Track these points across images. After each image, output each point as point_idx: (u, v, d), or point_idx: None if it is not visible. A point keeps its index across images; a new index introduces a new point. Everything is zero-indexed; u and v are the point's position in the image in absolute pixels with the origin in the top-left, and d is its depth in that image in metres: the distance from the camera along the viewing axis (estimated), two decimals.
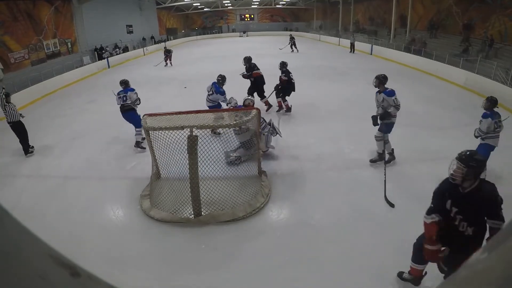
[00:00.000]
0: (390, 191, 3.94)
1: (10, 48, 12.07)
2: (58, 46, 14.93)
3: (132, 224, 3.59)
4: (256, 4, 32.67)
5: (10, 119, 5.45)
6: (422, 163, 4.62)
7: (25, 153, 5.54)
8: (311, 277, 2.74)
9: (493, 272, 0.29)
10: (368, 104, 6.73)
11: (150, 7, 25.11)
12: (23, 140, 5.56)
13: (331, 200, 3.79)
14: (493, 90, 7.89)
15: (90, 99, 9.55)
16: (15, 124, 5.50)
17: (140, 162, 4.88)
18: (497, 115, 4.09)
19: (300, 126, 6.15)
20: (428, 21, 16.08)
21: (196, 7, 31.18)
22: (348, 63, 13.76)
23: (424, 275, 2.54)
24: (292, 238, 3.22)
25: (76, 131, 6.66)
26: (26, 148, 5.56)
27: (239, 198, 3.69)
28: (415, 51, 13.00)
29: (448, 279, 0.35)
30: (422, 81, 10.24)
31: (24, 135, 5.57)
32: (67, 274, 0.31)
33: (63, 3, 15.15)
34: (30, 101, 9.28)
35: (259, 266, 2.86)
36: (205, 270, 2.86)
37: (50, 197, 4.17)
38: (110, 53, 17.33)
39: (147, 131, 3.75)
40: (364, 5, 22.65)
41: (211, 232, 3.33)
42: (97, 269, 0.39)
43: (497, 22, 11.90)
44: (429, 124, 6.13)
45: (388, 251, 2.95)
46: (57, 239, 3.08)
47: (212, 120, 3.90)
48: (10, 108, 5.41)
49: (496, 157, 4.08)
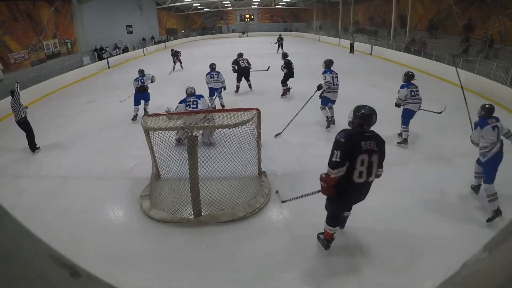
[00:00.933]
0: (390, 191, 3.93)
1: (10, 48, 12.08)
2: (58, 47, 14.94)
3: (132, 224, 3.59)
4: (256, 4, 32.66)
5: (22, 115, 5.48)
6: (422, 163, 4.63)
7: (32, 150, 5.57)
8: (311, 277, 2.74)
9: (493, 272, 0.29)
10: (368, 104, 6.74)
11: (150, 8, 25.11)
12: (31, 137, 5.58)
13: None
14: (492, 90, 7.92)
15: (90, 99, 9.55)
16: (26, 121, 5.53)
17: (140, 162, 4.88)
18: (413, 86, 5.12)
19: (300, 126, 6.15)
20: (428, 21, 16.08)
21: (196, 8, 31.17)
22: (348, 63, 13.76)
23: (334, 239, 2.93)
24: (292, 238, 3.22)
25: (76, 131, 6.66)
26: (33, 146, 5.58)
27: (239, 198, 3.69)
28: (415, 52, 13.00)
29: (448, 279, 0.35)
30: (422, 81, 10.22)
31: (32, 132, 5.61)
32: (67, 274, 0.31)
33: (63, 3, 15.15)
34: (30, 101, 9.26)
35: (259, 266, 2.86)
36: (205, 270, 2.86)
37: (50, 197, 4.17)
38: (110, 53, 17.33)
39: (147, 131, 3.75)
40: (364, 5, 22.66)
41: (211, 232, 3.33)
42: (97, 269, 0.39)
43: (497, 22, 11.91)
44: (429, 124, 6.13)
45: (388, 250, 2.95)
46: (57, 239, 3.08)
47: (211, 121, 3.89)
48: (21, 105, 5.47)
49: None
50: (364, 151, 2.39)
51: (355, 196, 2.68)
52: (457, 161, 4.67)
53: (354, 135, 2.45)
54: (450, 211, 3.51)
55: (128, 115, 7.32)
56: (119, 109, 8.05)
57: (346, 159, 2.37)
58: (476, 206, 3.56)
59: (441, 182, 4.11)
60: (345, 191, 2.54)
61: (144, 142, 4.02)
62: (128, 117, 7.07)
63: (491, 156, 3.40)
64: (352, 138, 2.41)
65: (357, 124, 2.50)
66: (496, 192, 3.33)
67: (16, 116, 5.50)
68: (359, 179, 2.44)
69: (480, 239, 2.11)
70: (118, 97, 9.17)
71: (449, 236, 3.09)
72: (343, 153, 2.36)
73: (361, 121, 2.48)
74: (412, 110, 5.03)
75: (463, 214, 3.45)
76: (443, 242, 3.01)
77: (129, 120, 6.90)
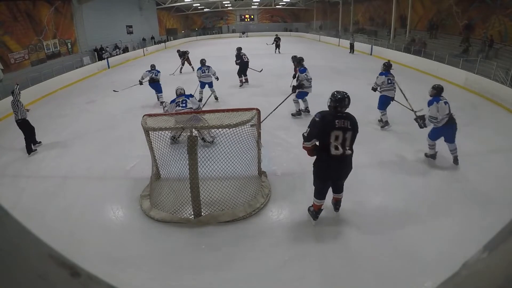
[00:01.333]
0: (390, 191, 3.94)
1: (10, 48, 12.08)
2: (58, 47, 14.93)
3: (132, 224, 3.59)
4: (256, 4, 32.67)
5: (20, 116, 5.51)
6: (422, 163, 4.63)
7: (28, 152, 5.56)
8: (311, 277, 2.74)
9: (493, 272, 0.29)
10: (367, 104, 6.74)
11: (150, 8, 25.11)
12: (29, 139, 5.59)
13: (330, 200, 3.79)
14: (493, 90, 7.92)
15: (90, 99, 9.55)
16: (24, 121, 5.55)
17: (140, 162, 4.88)
18: (391, 75, 5.81)
19: (300, 126, 6.15)
20: (428, 21, 16.08)
21: (196, 8, 31.18)
22: (348, 63, 13.77)
23: (321, 210, 3.34)
24: (292, 238, 3.22)
25: (76, 131, 6.66)
26: (30, 148, 5.58)
27: (239, 198, 3.68)
28: (415, 52, 13.00)
29: (448, 279, 0.35)
30: (422, 81, 10.23)
31: (30, 133, 5.61)
32: (67, 274, 0.31)
33: (63, 3, 15.15)
34: (30, 101, 9.27)
35: (259, 266, 2.86)
36: (205, 270, 2.86)
37: (50, 197, 4.17)
38: (110, 53, 17.32)
39: (147, 131, 3.75)
40: (364, 5, 22.65)
41: (211, 232, 3.33)
42: (97, 269, 0.39)
43: (497, 22, 11.90)
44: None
45: (388, 250, 2.95)
46: (57, 239, 3.08)
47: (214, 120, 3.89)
48: (22, 105, 5.48)
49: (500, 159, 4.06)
50: (338, 128, 2.87)
51: (335, 169, 3.08)
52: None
53: (329, 115, 2.94)
54: (450, 211, 3.51)
55: (128, 115, 7.32)
56: (119, 109, 8.06)
57: (313, 136, 2.95)
58: (477, 207, 3.56)
59: (441, 182, 4.11)
60: (326, 164, 3.02)
61: (144, 142, 4.02)
62: (128, 117, 7.08)
63: (441, 125, 4.34)
64: (326, 118, 2.91)
65: (333, 106, 2.97)
66: (435, 144, 4.57)
67: (15, 116, 5.58)
68: (336, 152, 2.90)
69: (480, 239, 2.10)
70: (118, 97, 9.19)
71: (449, 236, 3.09)
72: (312, 131, 2.94)
73: (335, 103, 2.95)
74: (389, 96, 5.75)
75: (463, 214, 3.45)
76: (444, 241, 3.01)
77: (129, 120, 6.89)
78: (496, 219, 3.27)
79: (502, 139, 5.38)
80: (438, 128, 4.39)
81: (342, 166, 3.04)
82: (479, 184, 3.99)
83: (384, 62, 6.25)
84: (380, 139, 5.48)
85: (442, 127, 4.34)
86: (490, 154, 4.87)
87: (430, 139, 4.57)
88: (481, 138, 5.42)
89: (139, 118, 4.00)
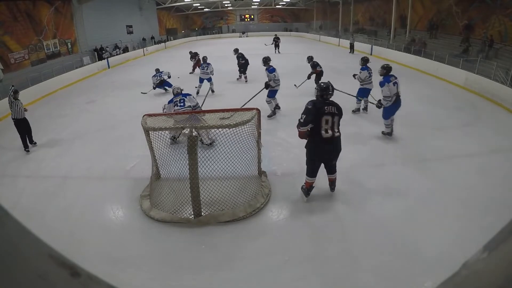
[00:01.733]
0: (390, 191, 3.94)
1: (10, 48, 12.07)
2: (58, 47, 14.93)
3: (132, 224, 3.59)
4: (256, 4, 32.66)
5: (15, 116, 5.55)
6: (422, 163, 4.63)
7: (24, 148, 5.64)
8: (311, 277, 2.74)
9: (493, 272, 0.29)
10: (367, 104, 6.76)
11: (150, 7, 25.11)
12: (24, 137, 5.63)
13: (330, 200, 3.80)
14: (493, 90, 7.92)
15: (90, 99, 9.55)
16: (20, 121, 5.58)
17: (140, 162, 4.88)
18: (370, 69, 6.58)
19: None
20: (428, 21, 16.08)
21: (196, 8, 31.18)
22: (348, 63, 13.76)
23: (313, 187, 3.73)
24: (292, 238, 3.22)
25: (76, 131, 6.66)
26: (26, 145, 5.65)
27: (239, 198, 3.68)
28: (415, 51, 13.00)
29: (448, 279, 0.35)
30: (422, 81, 10.24)
31: (26, 133, 5.65)
32: (67, 274, 0.31)
33: (63, 3, 15.15)
34: (30, 101, 9.27)
35: (259, 266, 2.86)
36: (205, 270, 2.86)
37: (50, 197, 4.17)
38: (110, 53, 17.32)
39: (147, 131, 3.75)
40: (364, 5, 22.65)
41: (211, 232, 3.33)
42: (97, 269, 0.39)
43: (497, 22, 11.90)
44: (429, 124, 6.13)
45: (387, 249, 2.95)
46: (57, 239, 3.08)
47: (216, 120, 3.89)
48: (16, 105, 5.50)
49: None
50: (327, 113, 3.37)
51: (327, 151, 3.51)
52: (457, 160, 4.68)
53: (319, 102, 3.46)
54: (450, 211, 3.51)
55: (128, 115, 7.32)
56: (119, 109, 8.06)
57: (308, 122, 3.36)
58: (477, 207, 3.55)
59: (441, 181, 4.11)
60: (318, 145, 3.46)
61: (144, 142, 4.02)
62: (128, 117, 7.07)
63: (391, 103, 5.08)
64: (317, 105, 3.40)
65: (320, 95, 3.51)
66: (390, 122, 5.30)
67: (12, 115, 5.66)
68: (326, 134, 3.37)
69: (480, 239, 2.10)
70: (118, 97, 9.20)
71: (449, 236, 3.08)
72: (307, 117, 3.36)
73: (321, 92, 3.50)
74: (368, 88, 6.59)
75: (463, 214, 3.44)
76: (444, 241, 3.01)
77: (129, 120, 6.87)
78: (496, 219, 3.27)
79: (502, 139, 5.38)
80: (388, 107, 5.13)
81: (332, 147, 3.48)
82: (479, 184, 3.99)
83: (362, 57, 6.93)
84: (380, 138, 5.48)
85: (391, 105, 5.09)
86: (490, 154, 4.87)
87: (385, 119, 5.29)
88: (481, 138, 5.42)
89: (139, 118, 4.00)
